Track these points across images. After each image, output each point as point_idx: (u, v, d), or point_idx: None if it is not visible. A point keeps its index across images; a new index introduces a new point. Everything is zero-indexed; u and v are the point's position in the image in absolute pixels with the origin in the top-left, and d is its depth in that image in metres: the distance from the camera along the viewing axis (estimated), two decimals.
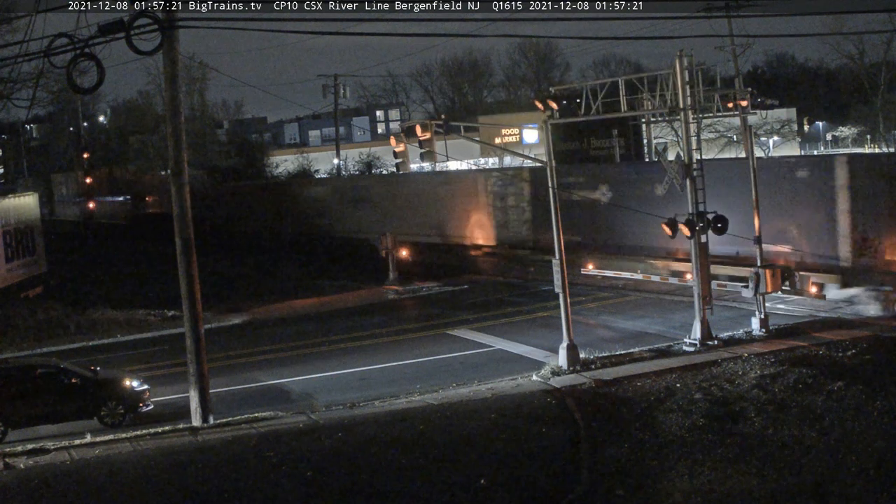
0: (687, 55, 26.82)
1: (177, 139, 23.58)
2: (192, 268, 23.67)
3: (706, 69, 31.38)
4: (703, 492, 17.04)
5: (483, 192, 47.88)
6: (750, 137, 29.42)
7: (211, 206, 69.69)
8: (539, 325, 31.73)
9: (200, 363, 23.61)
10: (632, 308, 33.78)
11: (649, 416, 21.20)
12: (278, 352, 31.39)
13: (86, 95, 67.29)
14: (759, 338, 27.11)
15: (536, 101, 27.79)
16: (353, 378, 27.31)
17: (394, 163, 29.74)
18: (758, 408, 20.83)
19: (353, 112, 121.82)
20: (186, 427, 23.14)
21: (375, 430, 21.52)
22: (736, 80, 58.75)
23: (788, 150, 71.81)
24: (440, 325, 33.36)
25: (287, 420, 23.03)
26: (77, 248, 71.20)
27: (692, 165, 27.01)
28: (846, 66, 79.35)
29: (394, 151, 28.80)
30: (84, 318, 37.97)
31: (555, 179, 26.50)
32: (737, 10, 54.90)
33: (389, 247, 42.77)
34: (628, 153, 47.81)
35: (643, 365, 25.35)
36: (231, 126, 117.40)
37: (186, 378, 23.88)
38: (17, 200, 47.59)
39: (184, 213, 23.57)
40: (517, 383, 24.83)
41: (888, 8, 53.12)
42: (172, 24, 22.64)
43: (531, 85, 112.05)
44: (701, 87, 27.74)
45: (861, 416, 19.69)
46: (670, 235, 27.36)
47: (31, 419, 23.90)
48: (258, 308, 39.73)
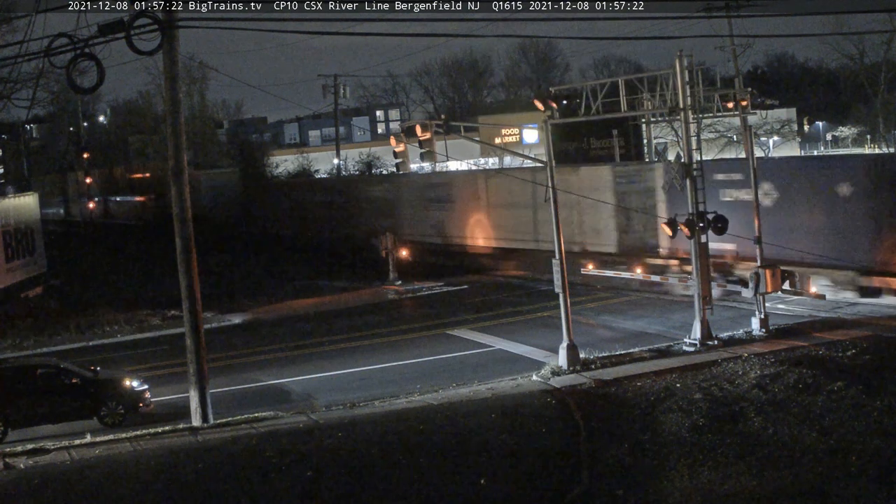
0: (687, 55, 26.83)
1: (177, 139, 23.59)
2: (192, 268, 23.68)
3: (706, 69, 31.43)
4: (703, 492, 17.04)
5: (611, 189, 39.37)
6: (750, 137, 29.42)
7: (246, 206, 67.03)
8: (539, 325, 31.73)
9: (200, 363, 23.62)
10: (632, 308, 33.78)
11: (649, 416, 21.20)
12: (278, 352, 31.40)
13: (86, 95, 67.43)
14: (759, 338, 27.11)
15: (536, 101, 27.80)
16: (353, 378, 27.31)
17: (394, 163, 29.76)
18: (758, 408, 20.83)
19: (353, 112, 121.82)
20: (186, 427, 23.14)
21: (375, 430, 21.51)
22: (736, 80, 58.68)
23: (788, 151, 71.80)
24: (440, 325, 33.37)
25: (287, 420, 23.03)
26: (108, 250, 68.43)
27: (692, 165, 27.04)
28: (846, 66, 79.45)
29: (394, 151, 28.81)
30: (84, 318, 37.99)
31: (555, 179, 26.53)
32: (737, 10, 54.91)
33: (389, 247, 42.83)
34: (628, 153, 47.79)
35: (643, 365, 25.36)
36: (231, 126, 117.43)
37: (186, 378, 23.88)
38: (16, 200, 47.59)
39: (184, 213, 23.59)
40: (517, 383, 24.83)
41: (888, 8, 53.19)
42: (172, 24, 22.65)
43: (531, 85, 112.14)
44: (701, 87, 27.76)
45: (861, 416, 19.68)
46: (670, 235, 27.37)
47: (31, 419, 23.90)
48: (258, 308, 39.75)
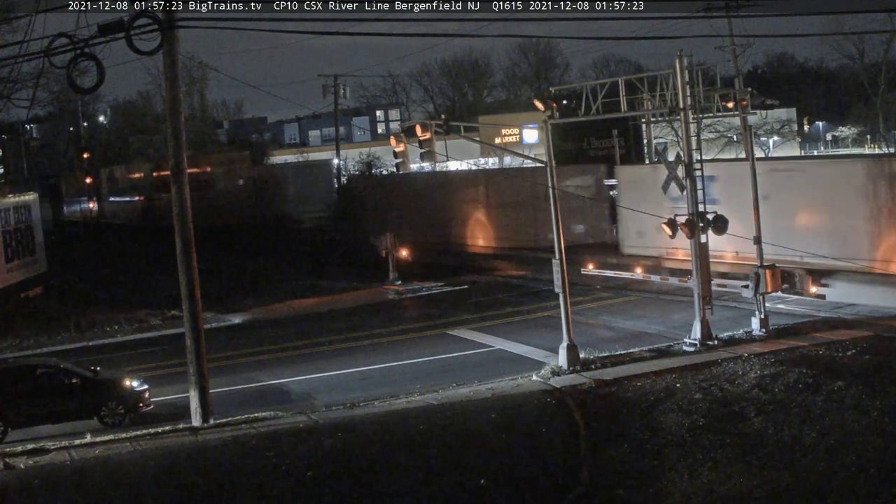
0: (687, 55, 26.83)
1: (177, 139, 23.60)
2: (192, 268, 23.68)
3: (706, 69, 31.39)
4: (703, 492, 17.05)
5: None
6: (750, 137, 29.44)
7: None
8: (539, 325, 31.72)
9: (200, 363, 23.61)
10: (632, 308, 33.77)
11: (649, 416, 21.20)
12: (278, 352, 31.40)
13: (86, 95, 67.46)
14: (759, 338, 27.09)
15: (536, 101, 27.81)
16: (353, 378, 27.30)
17: (393, 163, 29.77)
18: (758, 408, 20.83)
19: (353, 112, 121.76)
20: (186, 427, 23.13)
21: (375, 430, 21.51)
22: (736, 80, 58.64)
23: (788, 151, 71.79)
24: (440, 325, 33.37)
25: (287, 420, 23.02)
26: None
27: (692, 165, 27.03)
28: (846, 66, 79.60)
29: (394, 151, 28.82)
30: (84, 318, 37.98)
31: (555, 179, 26.53)
32: (737, 10, 54.83)
33: (389, 247, 42.84)
34: (628, 153, 47.78)
35: (643, 365, 25.35)
36: (231, 126, 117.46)
37: (186, 378, 23.87)
38: (17, 200, 47.59)
39: (184, 213, 23.60)
40: (517, 383, 24.82)
41: (888, 8, 53.20)
42: (172, 24, 22.65)
43: (531, 85, 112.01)
44: (701, 87, 27.75)
45: (861, 416, 19.68)
46: (670, 236, 27.36)
47: (32, 419, 23.89)
48: (258, 308, 39.76)
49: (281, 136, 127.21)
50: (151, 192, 76.63)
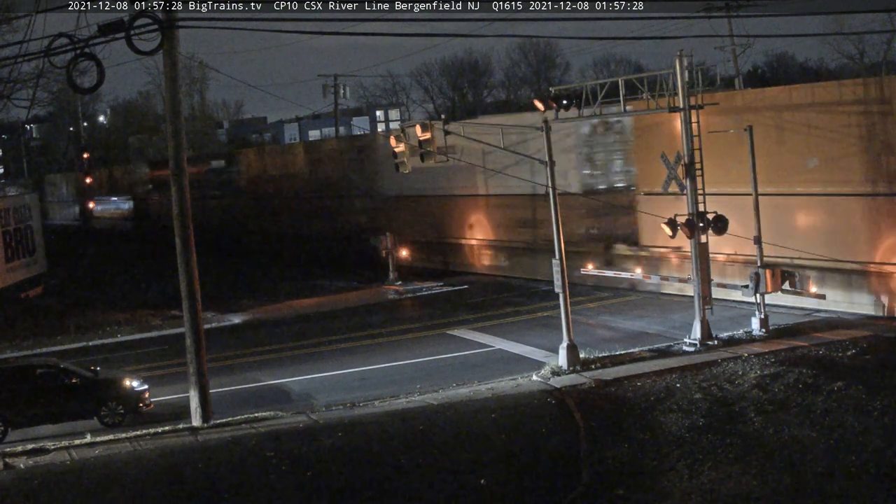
0: (687, 55, 26.82)
1: (177, 139, 23.60)
2: (192, 267, 23.69)
3: (706, 69, 31.37)
4: (703, 492, 17.04)
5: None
6: (750, 137, 29.40)
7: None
8: (539, 325, 31.72)
9: (200, 363, 23.62)
10: (632, 308, 33.77)
11: (649, 416, 21.21)
12: (278, 352, 31.40)
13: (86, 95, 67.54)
14: (759, 338, 27.10)
15: (536, 101, 27.75)
16: (353, 378, 27.31)
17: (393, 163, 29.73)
18: (758, 408, 20.83)
19: (353, 112, 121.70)
20: (186, 427, 23.15)
21: (375, 430, 21.52)
22: (736, 80, 58.80)
23: None
24: (440, 325, 33.37)
25: (287, 420, 23.04)
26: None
27: (692, 165, 27.03)
28: (846, 66, 79.43)
29: (394, 151, 28.83)
30: (84, 319, 37.99)
31: (555, 179, 26.53)
32: (737, 10, 54.91)
33: (389, 247, 42.84)
34: None
35: (643, 365, 25.36)
36: (231, 126, 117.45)
37: (186, 378, 23.90)
38: (17, 200, 47.65)
39: (184, 213, 23.61)
40: (517, 383, 24.83)
41: (888, 8, 53.17)
42: (172, 24, 22.67)
43: (531, 85, 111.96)
44: (701, 87, 27.76)
45: (861, 416, 19.68)
46: (670, 236, 27.35)
47: (32, 419, 23.92)
48: (258, 308, 39.76)
49: (281, 136, 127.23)
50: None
